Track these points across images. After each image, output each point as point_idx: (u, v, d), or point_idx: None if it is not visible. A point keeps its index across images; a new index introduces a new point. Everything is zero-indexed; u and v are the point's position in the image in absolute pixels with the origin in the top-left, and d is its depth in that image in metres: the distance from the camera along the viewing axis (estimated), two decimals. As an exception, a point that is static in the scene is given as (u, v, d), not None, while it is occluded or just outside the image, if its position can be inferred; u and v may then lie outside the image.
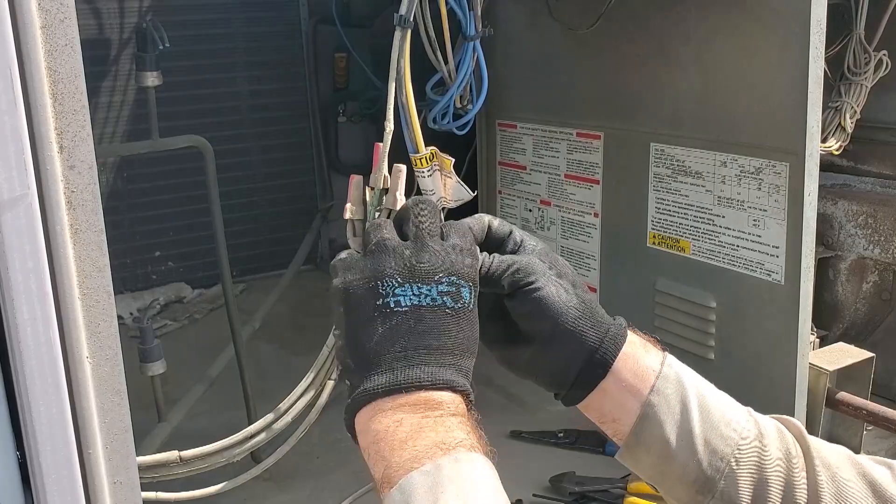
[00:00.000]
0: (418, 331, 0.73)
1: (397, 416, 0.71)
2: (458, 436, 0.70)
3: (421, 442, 0.69)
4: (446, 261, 0.76)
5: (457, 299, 0.75)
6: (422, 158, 1.16)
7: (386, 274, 0.74)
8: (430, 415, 0.71)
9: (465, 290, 0.76)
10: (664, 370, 0.81)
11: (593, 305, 0.83)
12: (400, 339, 0.73)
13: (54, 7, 0.63)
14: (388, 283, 0.74)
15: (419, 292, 0.74)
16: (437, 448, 0.69)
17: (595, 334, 0.81)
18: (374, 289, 0.74)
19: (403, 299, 0.74)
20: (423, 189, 1.18)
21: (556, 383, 0.83)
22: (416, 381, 0.72)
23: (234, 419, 1.62)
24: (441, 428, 0.70)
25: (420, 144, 1.18)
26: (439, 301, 0.74)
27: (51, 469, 0.68)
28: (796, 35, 1.47)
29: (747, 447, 0.80)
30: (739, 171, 1.65)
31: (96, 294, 0.69)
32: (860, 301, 2.08)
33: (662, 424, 0.79)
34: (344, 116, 2.78)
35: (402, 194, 1.04)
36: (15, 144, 0.62)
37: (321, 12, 2.71)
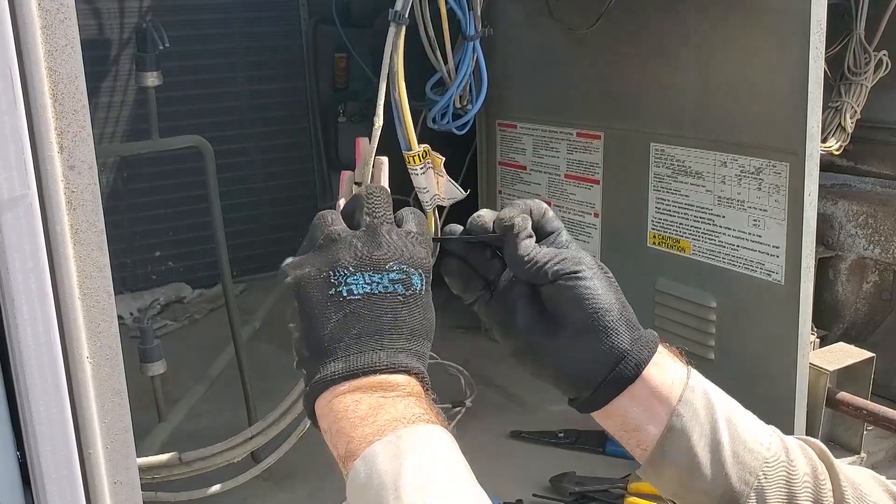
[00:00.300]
0: (372, 317, 0.75)
1: (356, 397, 0.72)
2: (417, 411, 0.71)
3: (381, 417, 0.70)
4: (398, 249, 0.77)
5: (408, 286, 0.76)
6: (415, 156, 1.15)
7: (339, 263, 0.75)
8: (387, 395, 0.72)
9: (415, 278, 0.77)
10: (691, 382, 0.81)
11: (631, 312, 0.83)
12: (355, 326, 0.74)
13: (54, 7, 0.63)
14: (341, 272, 0.75)
15: (371, 280, 0.75)
16: (398, 422, 0.70)
17: (631, 337, 0.80)
18: (326, 279, 0.75)
19: (356, 287, 0.75)
20: (417, 187, 1.18)
21: (578, 383, 0.81)
22: (371, 366, 0.73)
23: (235, 419, 1.62)
24: (399, 405, 0.72)
25: (413, 141, 1.17)
26: (391, 288, 0.75)
27: (51, 469, 0.68)
28: (796, 35, 1.47)
29: (775, 462, 0.79)
30: (739, 171, 1.65)
31: (96, 294, 0.69)
32: (860, 301, 2.08)
33: (690, 436, 0.78)
34: (344, 116, 2.78)
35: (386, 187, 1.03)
36: (15, 144, 0.62)
37: (321, 12, 2.71)
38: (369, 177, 1.05)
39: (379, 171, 1.04)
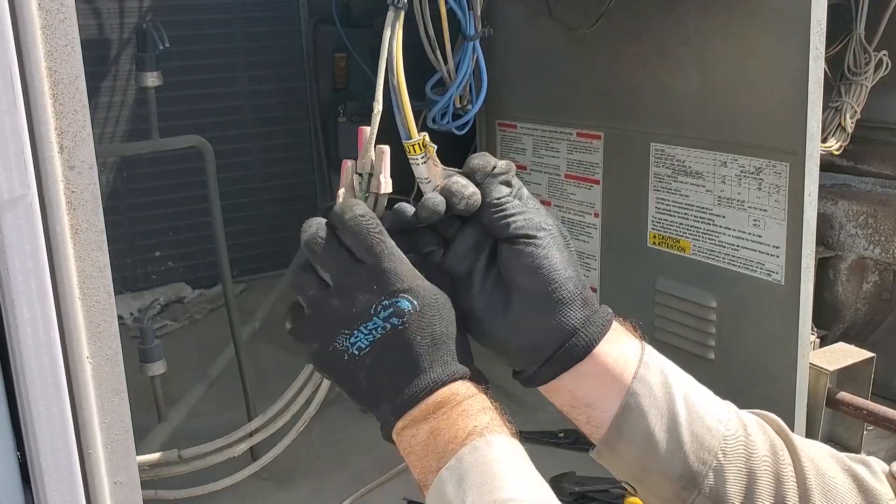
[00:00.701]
0: (389, 357, 0.77)
1: (412, 431, 0.75)
2: (469, 424, 0.73)
3: (437, 444, 0.73)
4: (371, 293, 0.77)
5: (400, 314, 0.77)
6: (415, 145, 1.12)
7: (334, 334, 0.78)
8: (437, 416, 0.74)
9: (402, 303, 0.77)
10: (645, 357, 0.80)
11: (587, 287, 0.82)
12: (381, 373, 0.77)
13: (54, 7, 0.63)
14: (340, 340, 0.78)
15: (368, 330, 0.77)
16: (453, 443, 0.72)
17: (584, 313, 0.79)
18: (334, 350, 0.78)
19: (361, 342, 0.77)
20: (418, 177, 1.14)
21: (526, 357, 0.81)
22: (410, 399, 0.75)
23: (234, 419, 1.62)
24: (449, 423, 0.73)
25: (412, 130, 1.14)
26: (389, 326, 0.77)
27: (51, 469, 0.68)
28: (796, 35, 1.47)
29: (733, 439, 0.78)
30: (739, 171, 1.65)
31: (96, 294, 0.69)
32: (860, 301, 2.08)
33: (646, 414, 0.77)
34: (344, 116, 2.77)
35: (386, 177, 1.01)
36: (15, 144, 0.62)
37: (321, 12, 2.71)
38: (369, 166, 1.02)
39: (380, 160, 1.02)
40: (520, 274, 0.79)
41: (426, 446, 0.74)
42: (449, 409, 0.75)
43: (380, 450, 1.61)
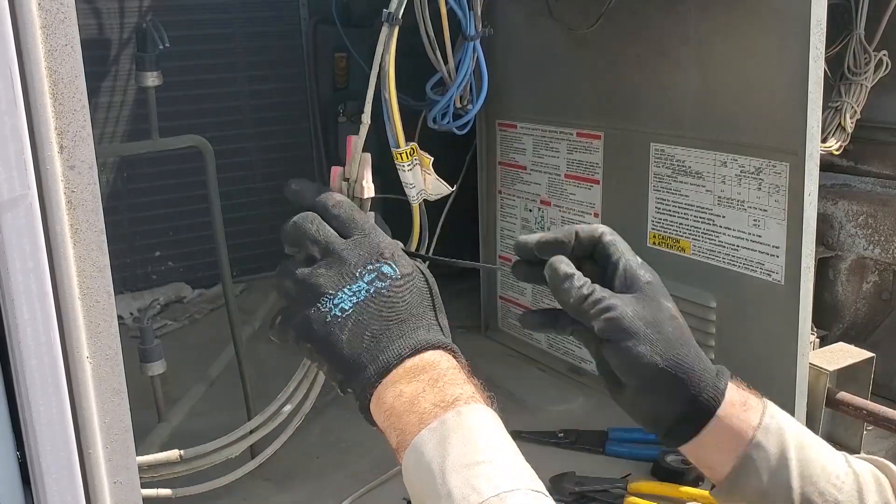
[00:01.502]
0: (373, 319, 0.80)
1: (396, 390, 0.77)
2: (455, 391, 0.76)
3: (421, 405, 0.75)
4: (356, 254, 0.83)
5: (385, 278, 0.81)
6: (403, 153, 1.20)
7: (318, 295, 0.81)
8: (422, 378, 0.77)
9: (385, 267, 0.82)
10: (765, 421, 0.83)
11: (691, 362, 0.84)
12: (364, 333, 0.80)
13: (54, 7, 0.63)
14: (324, 301, 0.81)
15: (353, 291, 0.81)
16: (438, 407, 0.74)
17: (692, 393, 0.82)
18: (316, 312, 0.81)
19: (344, 304, 0.80)
20: (405, 182, 1.22)
21: (650, 427, 0.87)
22: (395, 357, 0.78)
23: (234, 419, 1.62)
24: (436, 389, 0.76)
25: (401, 139, 1.23)
26: (372, 289, 0.81)
27: (51, 469, 0.68)
28: (796, 35, 1.47)
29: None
30: (739, 171, 1.65)
31: (96, 294, 0.69)
32: (860, 301, 2.08)
33: (760, 476, 0.81)
34: (344, 116, 2.77)
35: (368, 182, 1.09)
36: (15, 144, 0.62)
37: (321, 12, 2.70)
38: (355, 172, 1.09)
39: (363, 167, 1.10)
40: (622, 372, 0.84)
41: (411, 405, 0.75)
42: (435, 374, 0.77)
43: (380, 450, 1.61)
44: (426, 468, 0.71)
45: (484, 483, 0.68)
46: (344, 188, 1.11)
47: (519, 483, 0.69)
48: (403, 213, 1.45)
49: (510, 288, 2.27)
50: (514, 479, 0.70)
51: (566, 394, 2.02)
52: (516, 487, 0.69)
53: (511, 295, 2.28)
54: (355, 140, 1.13)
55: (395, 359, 0.78)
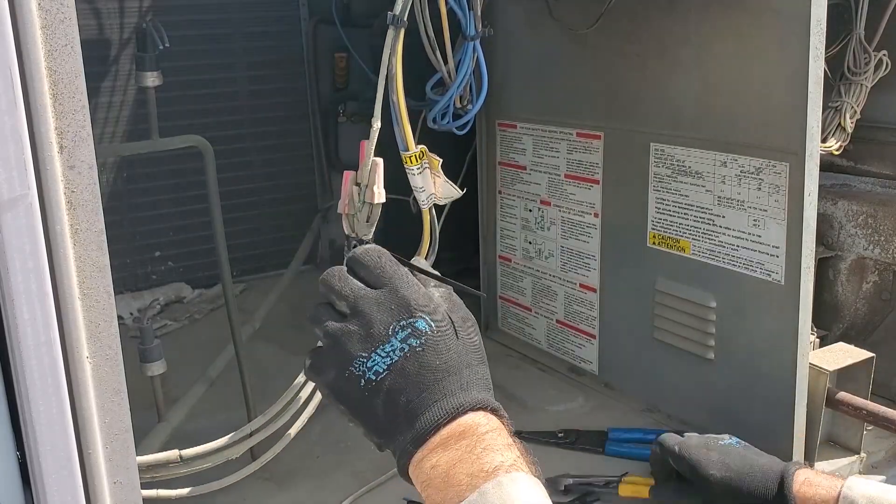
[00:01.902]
0: (408, 382, 0.76)
1: (431, 461, 0.74)
2: (495, 459, 0.72)
3: (458, 476, 0.71)
4: (388, 311, 0.78)
5: (419, 335, 0.77)
6: (412, 156, 1.18)
7: (351, 358, 0.77)
8: (460, 446, 0.73)
9: (419, 323, 0.77)
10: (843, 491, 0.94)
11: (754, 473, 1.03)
12: (399, 398, 0.76)
13: (54, 7, 0.63)
14: (357, 364, 0.77)
15: (386, 353, 0.77)
16: (475, 478, 0.70)
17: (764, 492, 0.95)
18: (350, 376, 0.77)
19: (378, 366, 0.77)
20: (414, 186, 1.20)
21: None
22: (431, 424, 0.74)
23: (234, 419, 1.62)
24: (472, 456, 0.72)
25: (410, 142, 1.20)
26: (406, 348, 0.76)
27: (51, 469, 0.68)
28: (796, 35, 1.47)
29: None
30: (739, 171, 1.65)
31: (96, 294, 0.69)
32: (860, 301, 2.08)
33: None
34: (344, 116, 2.77)
35: (380, 187, 1.08)
36: (15, 144, 0.62)
37: (321, 12, 2.71)
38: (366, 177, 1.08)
39: (374, 172, 1.08)
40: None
41: (447, 478, 0.72)
42: (473, 440, 0.73)
43: (380, 450, 1.61)
44: None
45: None
46: (355, 193, 1.10)
47: None
48: (404, 214, 1.45)
49: (510, 288, 2.28)
50: None
51: (566, 394, 2.02)
52: None
53: (511, 295, 2.28)
54: (367, 145, 1.12)
55: (431, 426, 0.74)
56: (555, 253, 2.11)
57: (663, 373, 1.87)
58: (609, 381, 2.03)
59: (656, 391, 1.90)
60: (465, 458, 0.72)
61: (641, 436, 1.74)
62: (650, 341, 1.89)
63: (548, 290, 2.15)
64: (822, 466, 1.65)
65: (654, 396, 1.91)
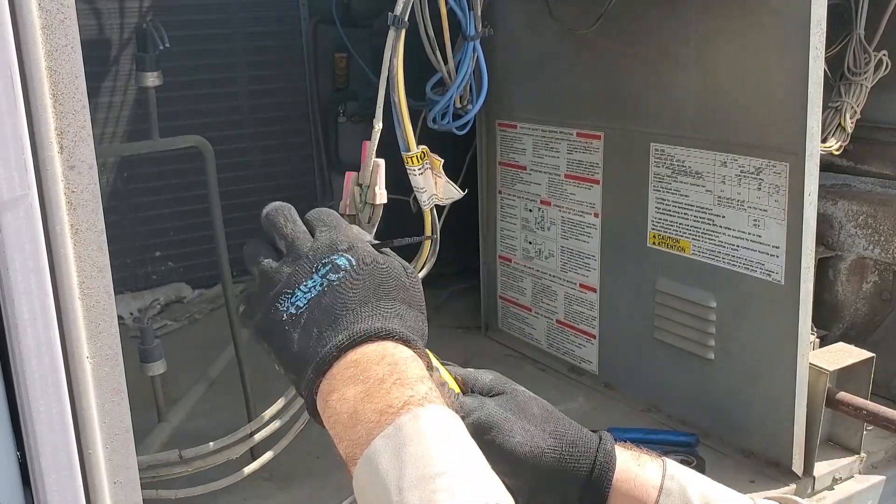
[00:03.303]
0: (322, 313, 0.76)
1: (338, 394, 0.71)
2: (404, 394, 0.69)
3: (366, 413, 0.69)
4: (315, 250, 0.79)
5: (338, 270, 0.77)
6: (413, 157, 1.18)
7: (278, 294, 0.78)
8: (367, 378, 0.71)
9: (340, 259, 0.78)
10: (666, 483, 0.82)
11: (573, 437, 0.84)
12: (313, 328, 0.75)
13: (54, 7, 0.63)
14: (283, 300, 0.78)
15: (308, 288, 0.77)
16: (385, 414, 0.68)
17: (582, 468, 0.82)
18: (275, 312, 0.77)
19: (300, 301, 0.77)
20: (416, 187, 1.20)
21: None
22: (334, 349, 0.73)
23: (234, 419, 1.62)
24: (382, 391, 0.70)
25: (411, 143, 1.20)
26: (325, 283, 0.77)
27: (51, 469, 0.68)
28: (796, 35, 1.47)
29: None
30: (739, 171, 1.65)
31: (96, 294, 0.69)
32: (860, 301, 2.08)
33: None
34: (344, 116, 2.77)
35: (381, 188, 1.08)
36: (15, 144, 0.62)
37: (321, 12, 2.71)
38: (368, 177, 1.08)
39: (375, 173, 1.08)
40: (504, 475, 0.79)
41: (355, 414, 0.69)
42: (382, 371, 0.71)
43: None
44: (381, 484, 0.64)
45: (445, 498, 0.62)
46: (357, 193, 1.10)
47: (482, 497, 0.63)
48: (404, 214, 1.45)
49: (510, 288, 2.28)
50: (478, 493, 0.63)
51: (566, 394, 2.02)
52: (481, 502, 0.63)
53: (511, 295, 2.28)
54: (369, 146, 1.12)
55: (331, 352, 0.72)
56: (555, 253, 2.11)
57: (663, 373, 1.87)
58: (609, 381, 2.03)
59: (656, 391, 1.90)
60: (374, 392, 0.69)
61: (641, 436, 1.74)
62: (650, 341, 1.89)
63: (548, 290, 2.15)
64: (823, 466, 1.65)
65: (654, 396, 1.91)
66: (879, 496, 1.70)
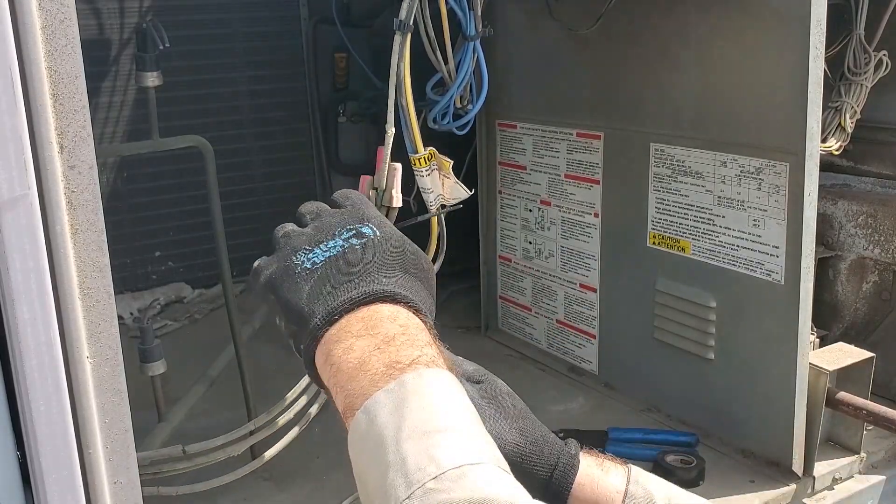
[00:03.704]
0: (339, 271, 0.76)
1: (346, 343, 0.71)
2: (411, 353, 0.69)
3: (372, 365, 0.69)
4: (342, 216, 0.81)
5: (361, 236, 0.78)
6: (420, 158, 1.19)
7: (296, 249, 0.79)
8: (376, 333, 0.71)
9: (365, 228, 0.79)
10: (630, 488, 0.82)
11: (539, 437, 0.85)
12: (326, 284, 0.76)
13: (54, 7, 0.63)
14: (300, 255, 0.78)
15: (328, 247, 0.78)
16: (392, 368, 0.68)
17: (542, 469, 0.82)
18: (290, 265, 0.78)
19: (317, 257, 0.77)
20: (422, 188, 1.21)
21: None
22: (345, 302, 0.73)
23: (234, 419, 1.62)
24: (391, 348, 0.70)
25: (419, 145, 1.21)
26: (346, 245, 0.78)
27: (51, 469, 0.68)
28: (796, 35, 1.47)
29: None
30: (739, 171, 1.65)
31: (96, 294, 0.69)
32: (860, 301, 2.08)
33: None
34: (344, 116, 2.78)
35: (398, 192, 1.09)
36: (15, 144, 0.62)
37: (321, 12, 2.71)
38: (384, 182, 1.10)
39: (392, 176, 1.10)
40: None
41: (361, 364, 0.69)
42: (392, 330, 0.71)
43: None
44: (377, 434, 0.64)
45: (444, 453, 0.61)
46: (373, 197, 1.12)
47: (481, 456, 0.62)
48: (406, 215, 1.45)
49: (510, 288, 2.28)
50: (477, 452, 0.63)
51: (566, 394, 2.02)
52: (480, 461, 0.62)
53: (511, 295, 2.28)
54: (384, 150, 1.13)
55: (344, 304, 0.72)
56: (555, 253, 2.11)
57: (663, 373, 1.87)
58: (609, 381, 2.03)
59: (656, 391, 1.90)
60: (383, 347, 0.69)
61: (641, 436, 1.74)
62: (650, 341, 1.89)
63: (548, 290, 2.15)
64: (823, 466, 1.65)
65: (654, 396, 1.91)
66: (879, 496, 1.70)
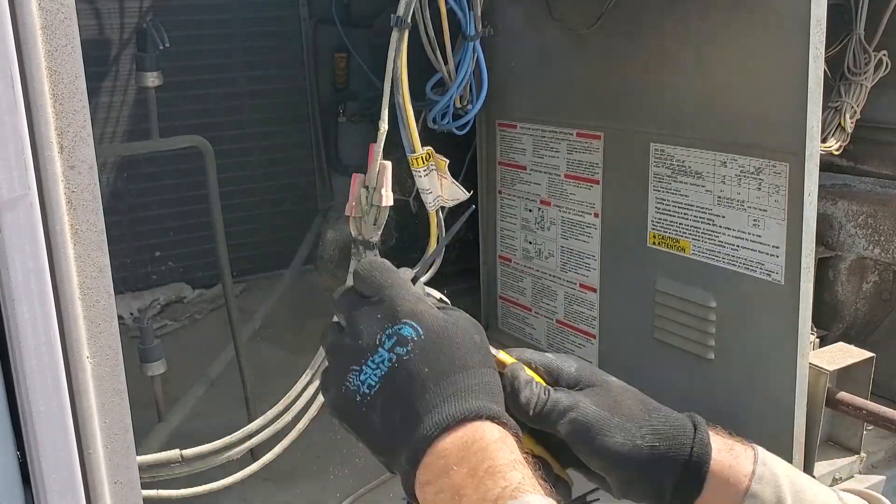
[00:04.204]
0: (399, 394, 0.73)
1: (433, 486, 0.70)
2: (498, 484, 0.67)
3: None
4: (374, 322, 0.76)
5: (405, 342, 0.74)
6: (418, 158, 1.18)
7: (346, 371, 0.75)
8: (461, 469, 0.69)
9: (405, 330, 0.74)
10: (758, 470, 0.82)
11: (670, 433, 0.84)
12: (394, 414, 0.73)
13: (54, 7, 0.63)
14: (352, 378, 0.75)
15: (376, 364, 0.74)
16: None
17: (677, 463, 0.82)
18: (347, 391, 0.75)
19: (370, 379, 0.74)
20: (420, 188, 1.20)
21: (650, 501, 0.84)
22: (424, 439, 0.70)
23: (234, 419, 1.62)
24: (475, 481, 0.68)
25: (416, 144, 1.20)
26: (394, 357, 0.74)
27: (51, 469, 0.68)
28: (796, 35, 1.47)
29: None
30: (739, 171, 1.65)
31: (96, 294, 0.69)
32: (860, 301, 2.08)
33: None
34: (344, 116, 2.78)
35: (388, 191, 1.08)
36: (15, 144, 0.62)
37: (321, 12, 2.71)
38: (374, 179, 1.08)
39: (382, 175, 1.08)
40: (607, 469, 0.81)
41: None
42: (474, 460, 0.69)
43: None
44: None
45: None
46: (363, 195, 1.10)
47: None
48: (407, 215, 1.45)
49: (510, 288, 2.28)
50: None
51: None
52: None
53: (511, 295, 2.28)
54: (375, 148, 1.12)
55: (423, 442, 0.70)
56: (555, 253, 2.11)
57: (663, 373, 1.87)
58: (609, 381, 2.02)
59: (656, 391, 1.89)
60: (468, 485, 0.67)
61: (641, 436, 1.74)
62: (650, 341, 1.88)
63: (548, 290, 2.15)
64: (822, 467, 1.65)
65: (654, 396, 1.90)
66: (879, 496, 1.70)
